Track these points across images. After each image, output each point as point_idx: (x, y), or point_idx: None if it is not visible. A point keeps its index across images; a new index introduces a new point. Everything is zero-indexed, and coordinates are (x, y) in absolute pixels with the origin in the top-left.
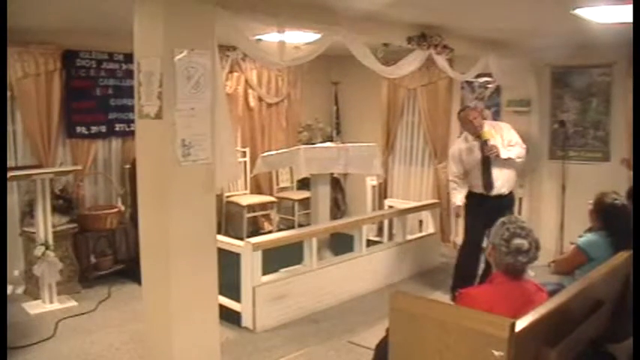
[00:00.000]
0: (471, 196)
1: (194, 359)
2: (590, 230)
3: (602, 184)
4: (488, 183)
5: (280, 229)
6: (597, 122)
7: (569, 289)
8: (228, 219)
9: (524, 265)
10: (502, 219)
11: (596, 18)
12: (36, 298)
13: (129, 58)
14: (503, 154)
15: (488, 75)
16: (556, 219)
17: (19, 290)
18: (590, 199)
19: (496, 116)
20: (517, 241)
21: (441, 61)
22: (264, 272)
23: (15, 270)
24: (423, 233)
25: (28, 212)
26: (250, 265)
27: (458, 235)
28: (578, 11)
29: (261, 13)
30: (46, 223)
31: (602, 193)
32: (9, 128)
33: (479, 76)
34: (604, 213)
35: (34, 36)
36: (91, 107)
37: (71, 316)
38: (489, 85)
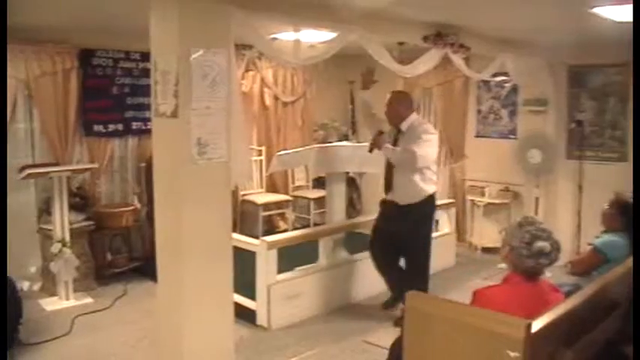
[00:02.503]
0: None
1: (207, 357)
2: (606, 232)
3: (619, 184)
4: (386, 182)
5: (295, 228)
6: (614, 122)
7: (586, 290)
8: (244, 217)
9: (546, 267)
10: (519, 220)
11: (614, 16)
12: (52, 295)
13: (145, 56)
14: (384, 152)
15: (505, 74)
16: (573, 219)
17: (36, 287)
18: (607, 200)
19: (512, 116)
20: (539, 244)
21: (457, 60)
22: (279, 271)
23: (32, 267)
24: (439, 233)
25: (45, 209)
26: (265, 264)
27: (474, 235)
28: (596, 10)
29: (276, 11)
30: (62, 221)
31: (619, 194)
32: (27, 126)
33: (495, 75)
34: (627, 213)
35: (51, 35)
36: (108, 106)
37: (87, 313)
38: (506, 85)
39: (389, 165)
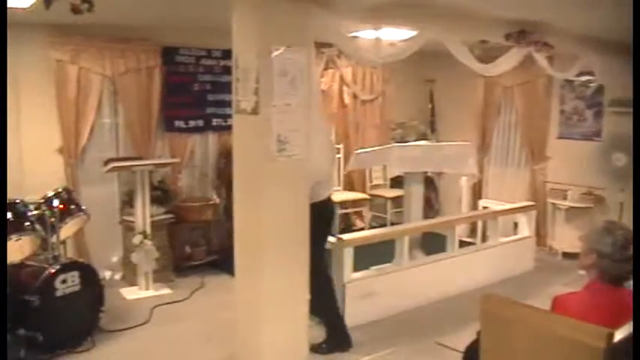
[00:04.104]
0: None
1: (282, 353)
2: None
3: None
4: None
5: (372, 227)
6: None
7: None
8: None
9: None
10: (603, 226)
11: None
12: (133, 285)
13: (226, 54)
14: None
15: (590, 73)
16: None
17: (117, 276)
18: None
19: (597, 117)
20: None
21: (540, 58)
22: (355, 269)
23: (114, 257)
24: (518, 236)
25: (127, 202)
26: (341, 262)
27: (555, 239)
28: None
29: (356, 10)
30: (144, 213)
31: None
32: (112, 121)
33: (580, 74)
34: None
35: (136, 33)
36: (189, 102)
37: (165, 304)
38: (591, 84)
39: None
